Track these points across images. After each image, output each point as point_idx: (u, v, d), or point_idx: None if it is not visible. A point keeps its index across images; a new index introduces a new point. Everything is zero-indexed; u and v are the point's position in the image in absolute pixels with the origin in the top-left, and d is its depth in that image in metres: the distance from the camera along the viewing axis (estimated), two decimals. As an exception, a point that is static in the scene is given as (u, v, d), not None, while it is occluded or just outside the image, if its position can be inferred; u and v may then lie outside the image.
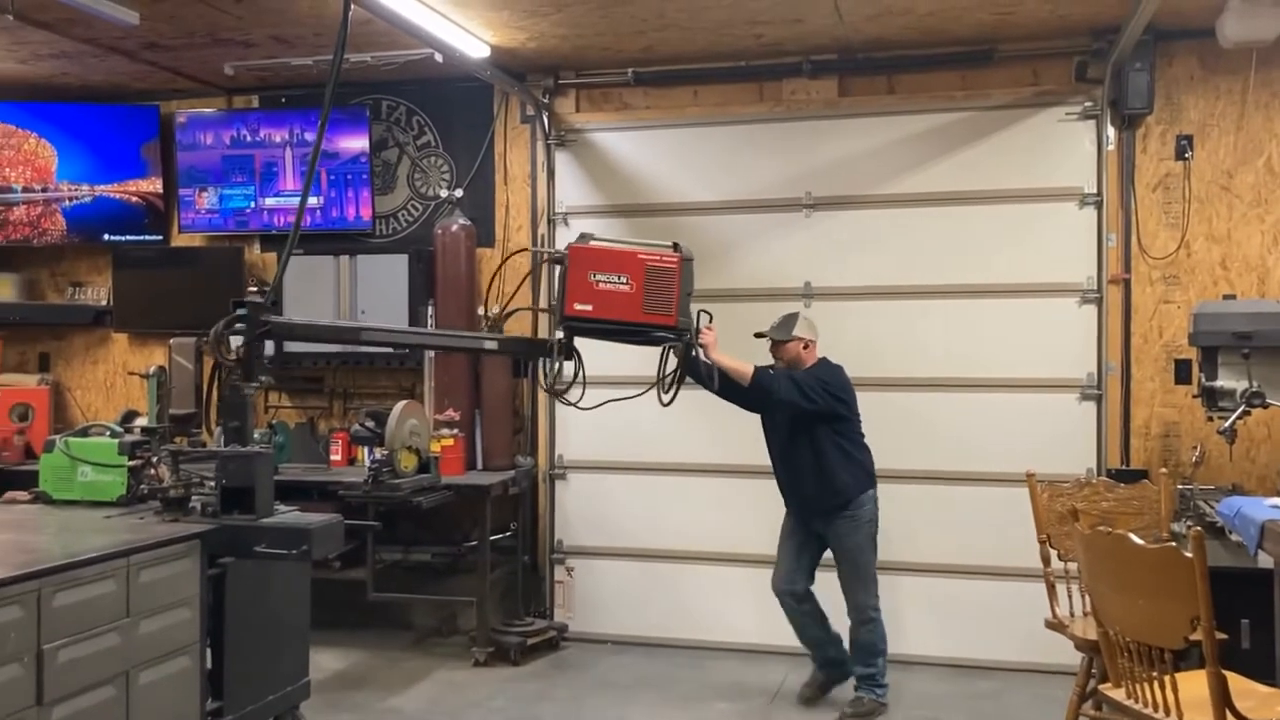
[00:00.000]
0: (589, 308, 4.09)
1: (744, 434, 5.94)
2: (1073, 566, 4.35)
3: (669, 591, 6.02)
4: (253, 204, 6.58)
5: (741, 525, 5.93)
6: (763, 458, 5.94)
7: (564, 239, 6.23)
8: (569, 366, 4.39)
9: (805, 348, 5.00)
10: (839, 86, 5.93)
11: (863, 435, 5.03)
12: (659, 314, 4.09)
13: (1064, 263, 5.65)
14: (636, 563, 6.08)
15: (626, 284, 4.07)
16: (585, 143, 6.24)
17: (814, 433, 4.90)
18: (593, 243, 4.14)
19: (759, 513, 5.91)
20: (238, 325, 3.97)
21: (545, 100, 6.23)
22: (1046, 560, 4.38)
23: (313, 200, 6.53)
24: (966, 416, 5.75)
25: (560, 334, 4.25)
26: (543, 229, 6.28)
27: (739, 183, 6.01)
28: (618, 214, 6.17)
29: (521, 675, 5.52)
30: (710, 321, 4.49)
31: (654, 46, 5.75)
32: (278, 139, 6.56)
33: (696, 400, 5.99)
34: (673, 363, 4.30)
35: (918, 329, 5.82)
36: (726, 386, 4.76)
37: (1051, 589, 4.35)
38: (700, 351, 4.54)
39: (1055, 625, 4.32)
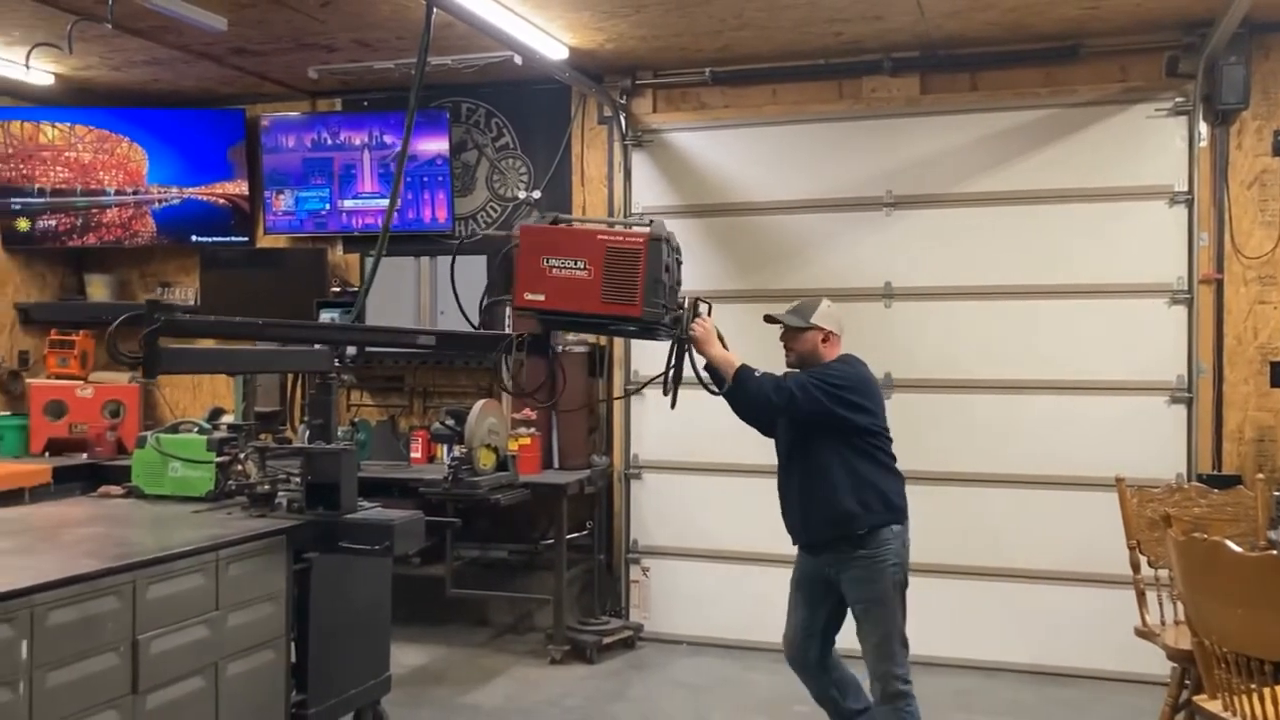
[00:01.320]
0: (540, 297, 3.66)
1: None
2: (1163, 573, 4.26)
3: (745, 593, 5.99)
4: (327, 206, 6.69)
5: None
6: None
7: (641, 239, 6.25)
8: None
9: (825, 340, 4.01)
10: (920, 84, 5.85)
11: (891, 456, 4.02)
12: (620, 303, 3.58)
13: (1153, 262, 5.51)
14: (712, 564, 6.06)
15: (584, 269, 3.60)
16: (662, 143, 6.24)
17: (815, 444, 3.89)
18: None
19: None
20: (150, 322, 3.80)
21: (622, 101, 6.25)
22: (1136, 566, 4.27)
23: (388, 202, 6.62)
24: (1051, 419, 5.63)
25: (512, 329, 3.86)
26: (620, 229, 6.28)
27: (818, 182, 5.96)
28: (694, 214, 6.16)
29: (597, 674, 5.53)
30: (709, 312, 3.95)
31: (732, 46, 5.72)
32: (357, 141, 6.66)
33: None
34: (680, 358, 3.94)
35: (1001, 330, 5.71)
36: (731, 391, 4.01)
37: (1141, 596, 4.24)
38: (692, 347, 3.92)
39: (1145, 634, 4.21)
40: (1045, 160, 5.65)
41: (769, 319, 4.13)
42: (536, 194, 6.30)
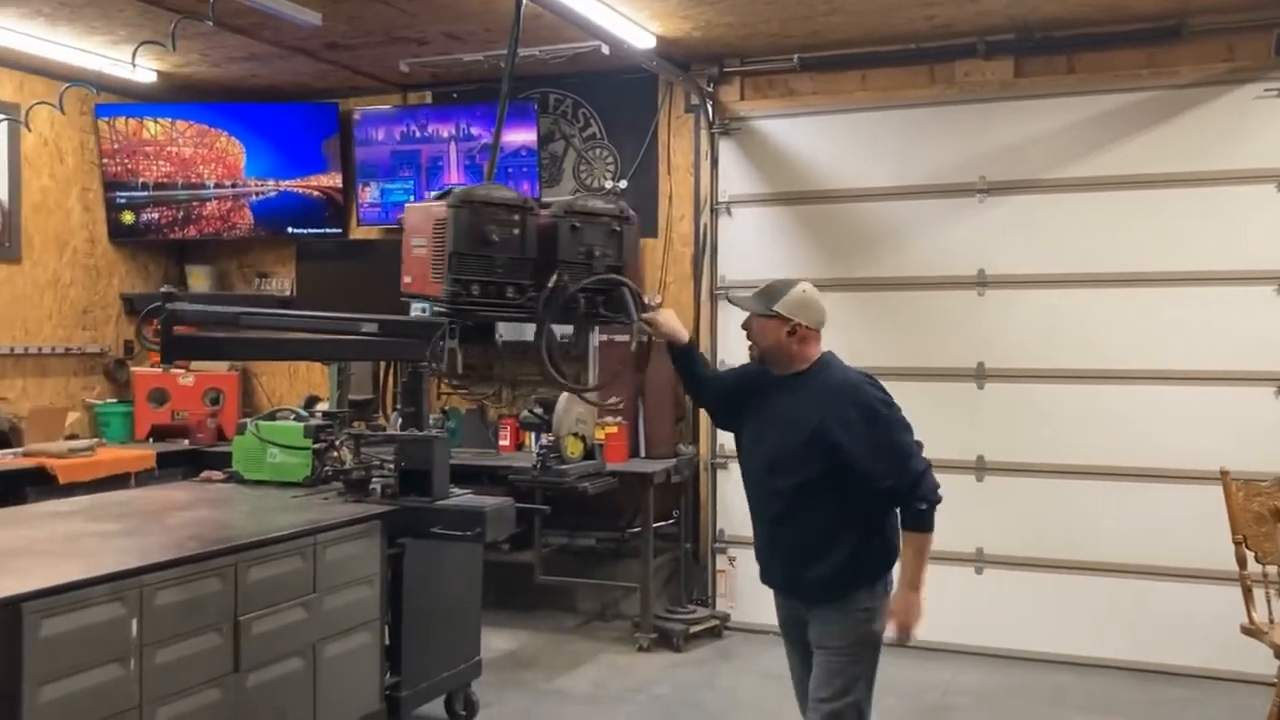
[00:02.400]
0: (408, 279, 3.54)
1: (915, 421, 5.83)
2: (1271, 570, 4.13)
3: (833, 584, 5.93)
4: (412, 197, 6.79)
5: (908, 519, 5.81)
6: (929, 450, 5.78)
7: (727, 228, 6.23)
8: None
9: (792, 334, 3.20)
10: (1015, 67, 5.72)
11: None
12: (437, 282, 3.37)
13: (1259, 249, 5.31)
14: (800, 554, 6.01)
15: (425, 246, 3.45)
16: (749, 130, 6.20)
17: (824, 484, 3.11)
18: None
19: (927, 506, 5.80)
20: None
21: (709, 89, 6.22)
22: (1243, 562, 4.13)
23: (482, 194, 6.69)
24: (1151, 410, 5.47)
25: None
26: (705, 218, 6.27)
27: (909, 168, 5.87)
28: (782, 202, 6.12)
29: (684, 662, 5.54)
30: (636, 303, 3.59)
31: (821, 31, 5.66)
32: (444, 134, 6.74)
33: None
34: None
35: (1098, 318, 5.56)
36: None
37: (1248, 593, 4.10)
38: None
39: (1252, 631, 4.07)
40: (1146, 144, 5.48)
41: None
42: (623, 184, 6.30)
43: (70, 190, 6.71)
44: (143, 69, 6.18)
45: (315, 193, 7.01)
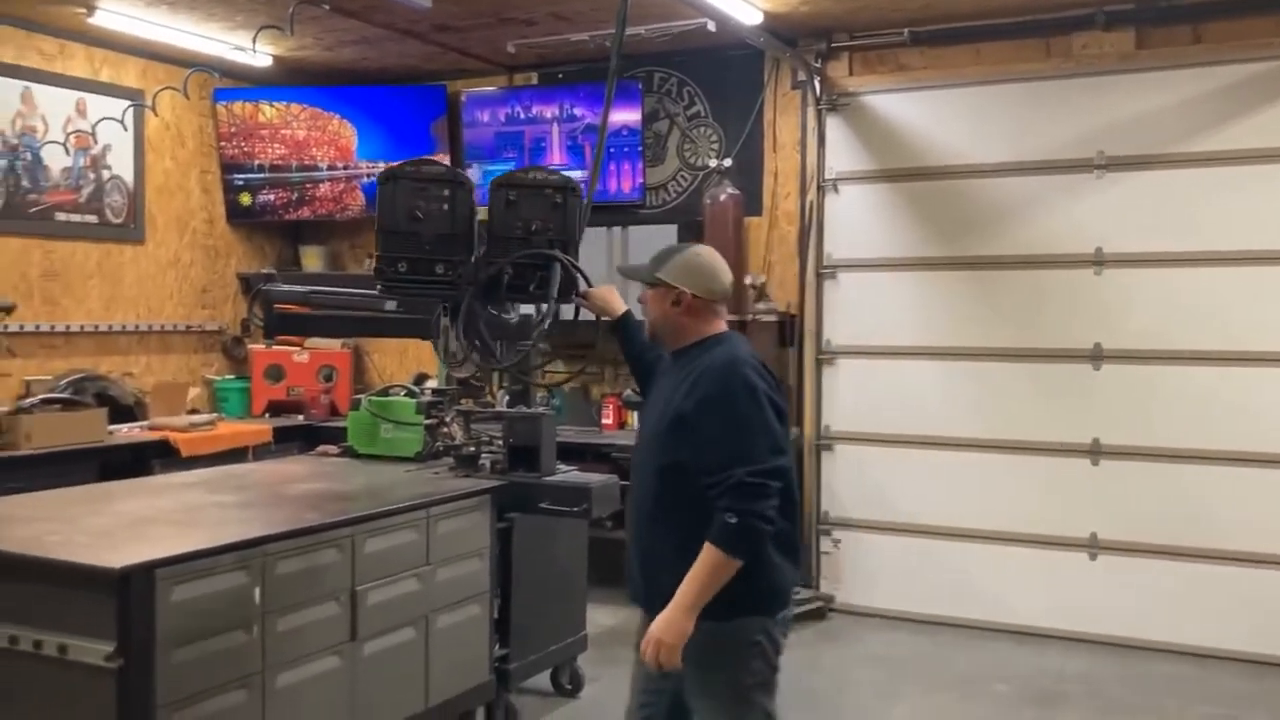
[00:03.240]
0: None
1: (1022, 408, 5.71)
2: None
3: (941, 569, 5.85)
4: (507, 179, 6.86)
5: (1022, 504, 5.70)
6: (1042, 433, 5.69)
7: (833, 206, 6.15)
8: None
9: (677, 304, 2.77)
10: (1136, 38, 5.51)
11: (796, 507, 2.75)
12: None
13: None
14: (906, 538, 5.94)
15: None
16: (857, 107, 6.10)
17: (681, 480, 2.63)
18: None
19: (1040, 492, 5.68)
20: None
21: (817, 65, 6.13)
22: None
23: (576, 174, 6.73)
24: (1278, 394, 5.25)
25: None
26: (811, 195, 6.20)
27: (1023, 144, 5.71)
28: (890, 179, 6.01)
29: (788, 643, 5.49)
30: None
31: (932, 4, 5.53)
32: (548, 114, 6.78)
33: (973, 372, 5.82)
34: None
35: (1221, 298, 5.35)
36: None
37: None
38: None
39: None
40: (1276, 117, 5.24)
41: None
42: (728, 162, 6.27)
43: (190, 173, 6.94)
44: (259, 53, 6.34)
45: (423, 174, 7.11)
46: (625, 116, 6.49)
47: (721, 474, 2.52)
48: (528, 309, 4.31)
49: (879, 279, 6.04)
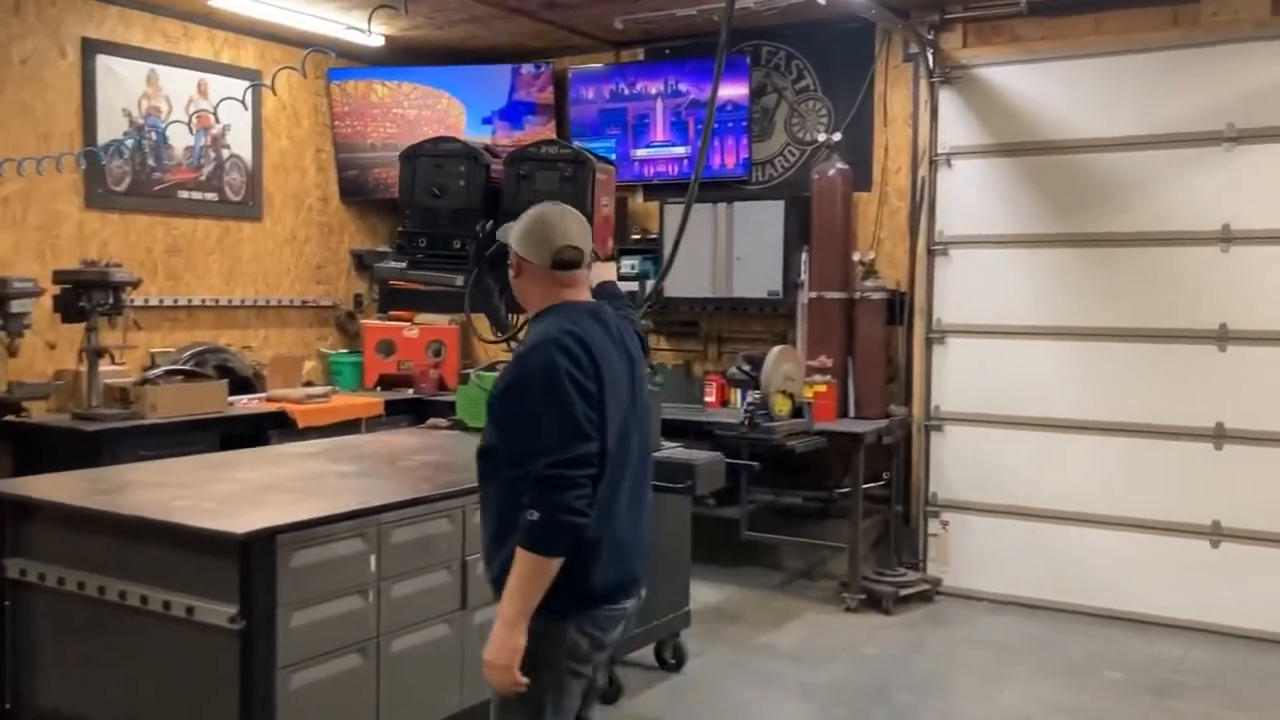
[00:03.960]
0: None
1: (1142, 390, 5.53)
2: None
3: (1053, 553, 5.70)
4: (613, 156, 6.86)
5: (1140, 488, 5.52)
6: (1163, 416, 5.49)
7: (946, 181, 6.02)
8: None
9: (517, 272, 2.58)
10: (1272, 3, 5.25)
11: (614, 498, 2.46)
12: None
13: None
14: (1017, 521, 5.80)
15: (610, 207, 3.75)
16: (971, 79, 5.94)
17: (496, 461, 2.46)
18: None
19: (1159, 477, 5.50)
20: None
21: (930, 37, 5.99)
22: None
23: (680, 150, 6.72)
24: None
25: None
26: (923, 170, 6.07)
27: (1147, 116, 5.50)
28: (1006, 153, 5.85)
29: (893, 625, 5.46)
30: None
31: (1052, -28, 5.36)
32: (652, 91, 6.77)
33: (1090, 353, 5.65)
34: None
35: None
36: None
37: None
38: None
39: None
40: None
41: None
42: (837, 136, 6.18)
43: (305, 151, 7.10)
44: (374, 33, 6.45)
45: (531, 151, 7.16)
46: (731, 92, 6.44)
47: (523, 468, 2.33)
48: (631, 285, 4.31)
49: (993, 256, 5.89)
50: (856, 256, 6.17)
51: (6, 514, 3.35)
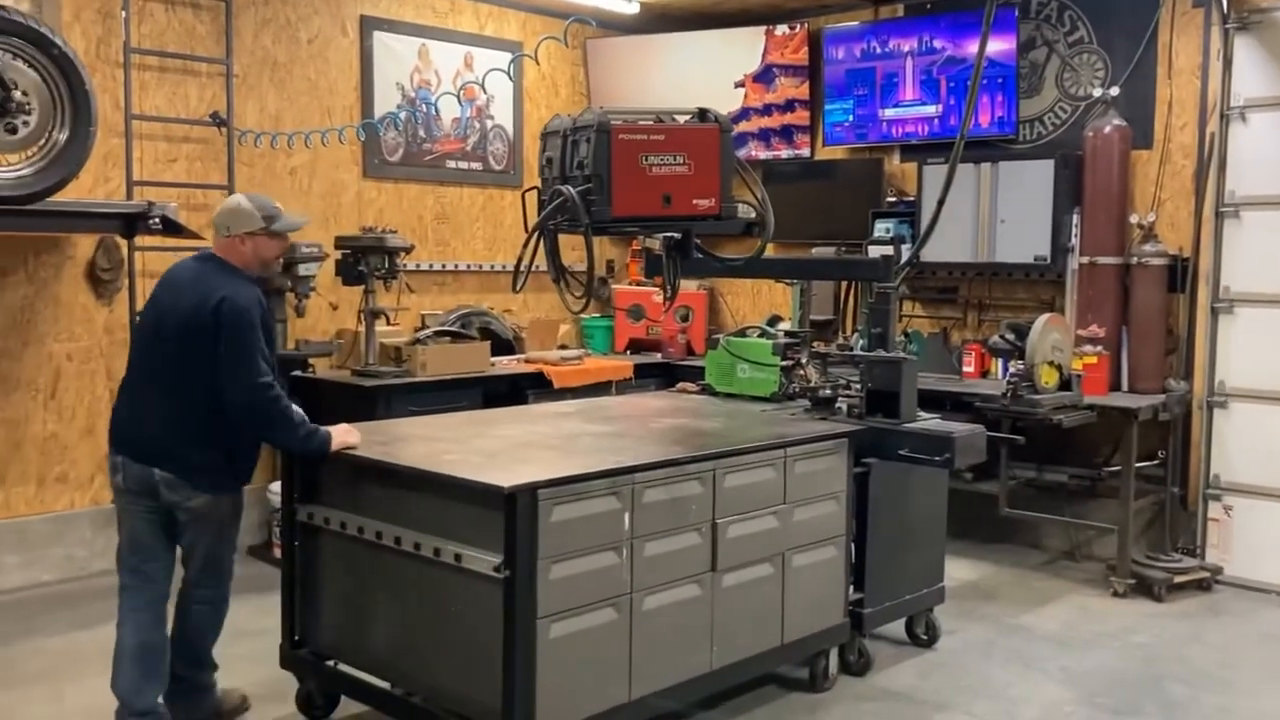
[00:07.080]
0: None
1: None
2: None
3: (1356, 546, 5.17)
4: (851, 117, 6.70)
5: None
6: None
7: (1239, 137, 5.51)
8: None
9: (240, 241, 3.62)
10: None
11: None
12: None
13: None
14: (1313, 509, 5.29)
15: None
16: (1273, 24, 5.38)
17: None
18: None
19: None
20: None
21: (1226, -23, 5.48)
22: None
23: (930, 109, 6.46)
24: None
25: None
26: (1213, 126, 5.56)
27: None
28: (1313, 104, 5.29)
29: (1165, 613, 5.09)
30: None
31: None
32: (905, 48, 6.52)
33: None
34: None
35: None
36: None
37: None
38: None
39: None
40: None
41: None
42: (1114, 90, 5.75)
43: (563, 120, 7.28)
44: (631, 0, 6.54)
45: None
46: (995, 46, 6.10)
47: None
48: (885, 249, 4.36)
49: (1292, 218, 5.35)
50: (1134, 219, 5.75)
51: (298, 463, 3.62)
